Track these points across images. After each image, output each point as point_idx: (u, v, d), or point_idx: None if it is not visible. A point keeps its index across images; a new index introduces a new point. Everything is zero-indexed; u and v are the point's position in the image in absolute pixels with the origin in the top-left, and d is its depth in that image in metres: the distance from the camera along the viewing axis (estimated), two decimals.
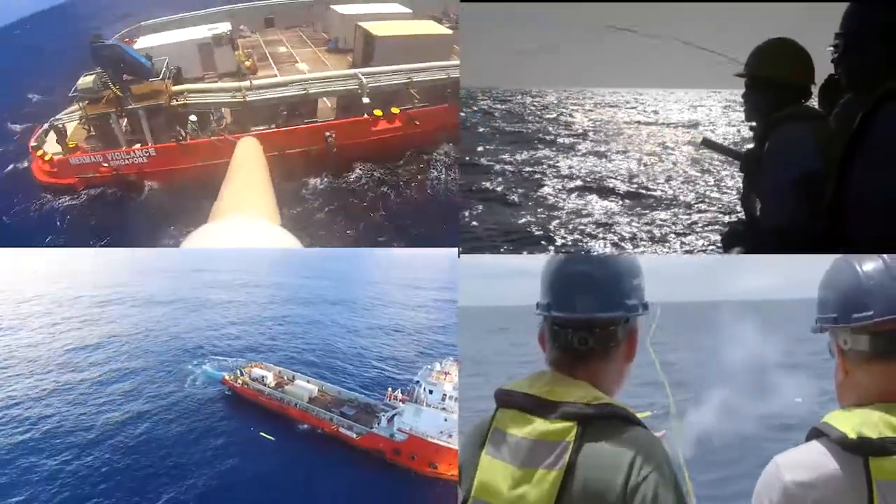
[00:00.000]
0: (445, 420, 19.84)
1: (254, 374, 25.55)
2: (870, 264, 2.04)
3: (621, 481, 1.90)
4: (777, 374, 34.97)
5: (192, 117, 13.00)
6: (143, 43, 15.88)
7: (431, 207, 14.16)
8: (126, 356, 31.59)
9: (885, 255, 2.03)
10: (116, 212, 14.26)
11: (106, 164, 13.19)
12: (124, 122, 13.56)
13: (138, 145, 13.06)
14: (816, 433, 1.93)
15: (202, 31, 16.25)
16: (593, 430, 1.97)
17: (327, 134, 13.55)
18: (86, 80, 13.77)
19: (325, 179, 13.89)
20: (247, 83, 13.72)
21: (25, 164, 15.84)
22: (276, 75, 15.41)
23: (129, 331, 37.83)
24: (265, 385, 24.67)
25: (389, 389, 22.93)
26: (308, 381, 25.35)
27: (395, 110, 13.92)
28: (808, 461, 1.91)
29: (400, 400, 21.66)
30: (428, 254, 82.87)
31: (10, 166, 16.38)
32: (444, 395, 19.92)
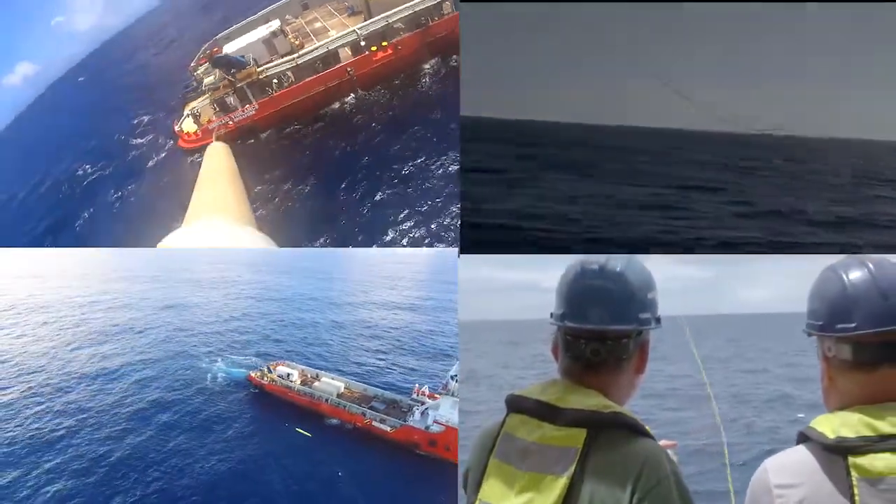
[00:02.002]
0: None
1: (279, 372, 26.14)
2: (856, 274, 2.11)
3: (629, 492, 1.94)
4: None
5: (275, 80, 22.22)
6: (228, 48, 24.93)
7: (424, 98, 22.57)
8: (135, 355, 32.03)
9: (870, 264, 2.12)
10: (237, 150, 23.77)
11: (231, 122, 22.67)
12: (235, 97, 22.98)
13: (248, 105, 22.48)
14: (803, 437, 2.04)
15: (263, 31, 25.04)
16: (602, 439, 2.03)
17: (348, 70, 22.28)
18: (209, 79, 23.33)
19: (353, 97, 22.83)
20: (297, 54, 22.61)
21: (163, 155, 25.11)
22: (314, 42, 24.16)
23: (125, 331, 38.02)
24: (292, 382, 25.32)
25: (416, 385, 23.55)
26: (333, 379, 25.86)
27: (384, 43, 22.33)
28: (793, 464, 2.03)
29: (428, 395, 22.42)
30: (427, 253, 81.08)
31: (153, 160, 25.41)
32: None
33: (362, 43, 21.96)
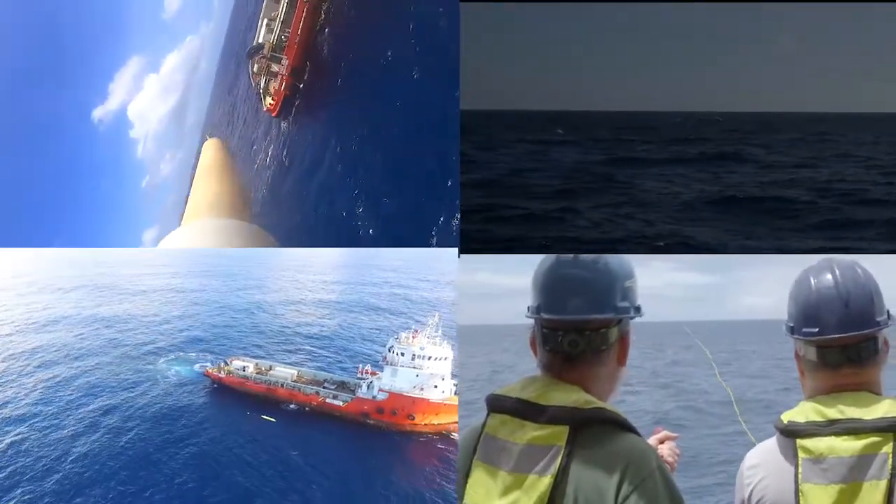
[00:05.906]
0: (417, 376, 23.01)
1: (235, 366, 28.06)
2: (823, 280, 2.32)
3: (614, 489, 1.96)
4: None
5: (283, 37, 36.82)
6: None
7: None
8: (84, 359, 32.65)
9: (837, 269, 2.30)
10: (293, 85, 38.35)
11: (284, 74, 37.53)
12: (273, 63, 38.02)
13: (283, 60, 37.32)
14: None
15: (263, 26, 39.77)
16: (585, 436, 2.04)
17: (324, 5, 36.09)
18: (255, 67, 38.75)
19: (328, 24, 36.77)
20: (279, 15, 37.01)
21: (266, 141, 39.79)
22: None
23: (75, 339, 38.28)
24: (248, 373, 27.06)
25: (360, 366, 25.65)
26: (285, 367, 28.25)
27: None
28: (762, 448, 2.38)
29: (371, 374, 24.39)
30: (426, 252, 76.54)
31: (272, 148, 39.19)
32: (413, 355, 23.39)
33: None
